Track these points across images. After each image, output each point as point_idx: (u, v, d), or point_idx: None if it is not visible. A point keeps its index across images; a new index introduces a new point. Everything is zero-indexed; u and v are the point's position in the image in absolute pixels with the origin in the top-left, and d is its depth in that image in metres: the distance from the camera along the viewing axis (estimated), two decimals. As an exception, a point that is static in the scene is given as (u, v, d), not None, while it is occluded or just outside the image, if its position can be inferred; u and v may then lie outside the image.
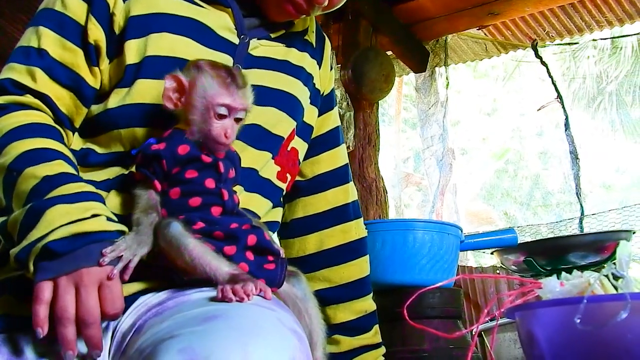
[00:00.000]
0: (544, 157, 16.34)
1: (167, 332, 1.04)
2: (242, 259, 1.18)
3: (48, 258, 1.09)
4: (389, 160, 8.22)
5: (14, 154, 1.19)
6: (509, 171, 16.59)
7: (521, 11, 4.84)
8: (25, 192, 1.14)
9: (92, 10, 1.35)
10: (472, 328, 2.24)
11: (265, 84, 1.46)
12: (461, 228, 2.39)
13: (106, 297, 1.09)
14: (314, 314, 1.31)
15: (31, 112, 1.28)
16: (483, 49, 5.53)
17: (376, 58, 4.44)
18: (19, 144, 1.20)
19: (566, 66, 13.46)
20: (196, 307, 1.10)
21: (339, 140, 1.73)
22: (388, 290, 2.22)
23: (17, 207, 1.14)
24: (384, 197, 4.40)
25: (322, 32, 1.71)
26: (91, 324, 1.08)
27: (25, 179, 1.16)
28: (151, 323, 1.12)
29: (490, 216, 14.00)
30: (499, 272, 4.18)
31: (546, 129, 15.54)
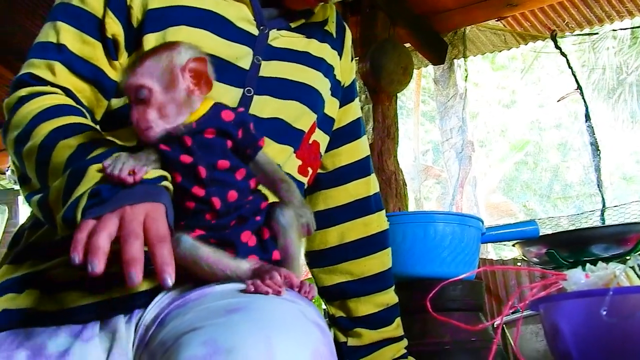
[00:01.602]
0: (563, 149, 16.26)
1: (190, 324, 1.03)
2: (247, 255, 1.18)
3: (96, 204, 1.03)
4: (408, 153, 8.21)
5: (43, 133, 1.18)
6: (529, 163, 16.53)
7: (540, 2, 4.81)
8: (61, 163, 1.12)
9: (109, 3, 1.35)
10: (495, 320, 2.22)
11: (285, 76, 1.45)
12: (482, 220, 2.37)
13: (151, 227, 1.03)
14: (293, 239, 1.23)
15: (54, 96, 1.27)
16: (502, 40, 5.49)
17: (394, 50, 4.42)
18: (47, 124, 1.19)
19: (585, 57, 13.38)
20: (219, 300, 1.09)
21: (360, 132, 1.72)
22: (408, 283, 2.20)
23: (55, 178, 1.11)
24: (403, 189, 4.39)
25: (342, 22, 1.70)
26: (162, 239, 1.02)
27: (60, 151, 1.13)
28: (173, 315, 1.12)
29: (510, 208, 13.96)
30: (520, 264, 4.16)
31: (565, 121, 15.49)
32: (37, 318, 1.22)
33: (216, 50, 1.33)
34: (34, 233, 1.33)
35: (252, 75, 1.39)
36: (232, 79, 1.36)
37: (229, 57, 1.35)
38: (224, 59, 1.35)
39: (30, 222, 1.37)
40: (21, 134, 1.21)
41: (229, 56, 1.35)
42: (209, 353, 0.94)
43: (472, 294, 2.20)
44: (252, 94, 1.38)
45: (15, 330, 1.23)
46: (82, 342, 1.20)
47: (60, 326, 1.22)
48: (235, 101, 1.36)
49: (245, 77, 1.38)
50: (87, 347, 1.20)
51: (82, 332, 1.21)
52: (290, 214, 1.21)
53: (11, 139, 1.24)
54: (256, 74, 1.40)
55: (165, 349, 1.04)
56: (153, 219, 1.01)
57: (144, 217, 1.01)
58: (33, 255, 1.29)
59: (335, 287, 1.69)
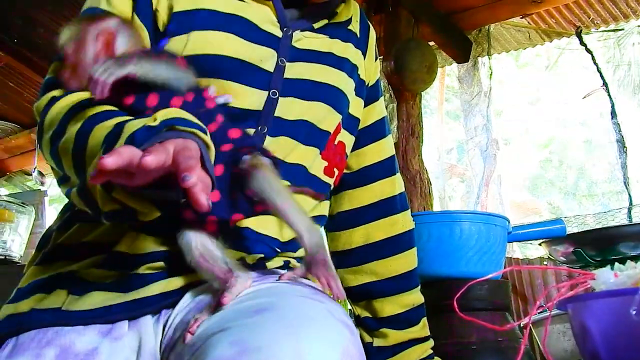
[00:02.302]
0: (588, 147, 16.14)
1: (218, 325, 1.04)
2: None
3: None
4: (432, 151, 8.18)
5: (78, 124, 1.16)
6: (554, 161, 16.42)
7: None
8: (99, 142, 1.09)
9: (136, 8, 1.36)
10: (523, 321, 2.21)
11: (310, 77, 1.44)
12: (508, 219, 2.36)
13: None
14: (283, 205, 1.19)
15: (84, 92, 1.27)
16: (526, 38, 5.46)
17: (418, 49, 4.41)
18: (81, 114, 1.18)
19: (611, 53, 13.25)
20: (246, 301, 1.10)
21: (384, 131, 1.71)
22: (434, 283, 2.19)
23: (93, 158, 1.09)
24: (428, 188, 4.37)
25: (367, 21, 1.69)
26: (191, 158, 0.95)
27: (97, 131, 1.11)
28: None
29: (536, 206, 13.88)
30: (546, 263, 4.13)
31: (590, 118, 15.36)
32: (65, 317, 1.23)
33: (240, 53, 1.34)
34: (61, 234, 1.34)
35: (277, 77, 1.39)
36: (257, 82, 1.36)
37: (253, 60, 1.35)
38: (248, 62, 1.35)
39: (58, 224, 1.38)
40: (56, 130, 1.20)
41: (254, 59, 1.35)
42: (238, 353, 0.95)
43: (499, 293, 2.19)
44: (277, 96, 1.38)
45: (44, 329, 1.24)
46: (110, 341, 1.21)
47: (88, 325, 1.23)
48: (261, 103, 1.36)
49: (270, 79, 1.37)
50: (115, 346, 1.21)
51: (110, 331, 1.23)
52: (265, 174, 1.17)
53: (46, 140, 1.23)
54: (281, 75, 1.39)
55: (193, 350, 1.04)
56: (182, 147, 0.97)
57: (178, 149, 0.96)
58: (61, 257, 1.30)
59: (361, 288, 1.68)
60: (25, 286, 1.31)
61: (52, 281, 1.28)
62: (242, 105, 1.33)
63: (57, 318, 1.24)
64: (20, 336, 1.25)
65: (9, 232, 3.63)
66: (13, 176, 7.97)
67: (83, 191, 1.09)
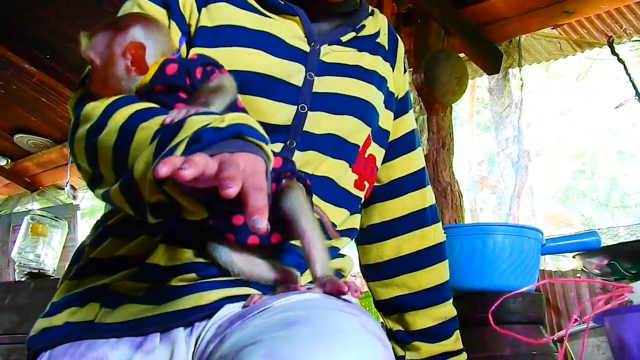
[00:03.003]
0: (621, 157, 16.01)
1: (249, 338, 1.04)
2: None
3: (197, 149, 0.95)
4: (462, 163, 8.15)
5: (122, 117, 1.15)
6: (586, 172, 16.30)
7: (597, 8, 4.73)
8: (147, 137, 1.06)
9: (171, 15, 1.36)
10: (559, 334, 2.19)
11: (339, 91, 1.44)
12: (541, 232, 2.34)
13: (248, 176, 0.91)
14: (307, 227, 1.19)
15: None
16: (557, 48, 5.42)
17: (448, 60, 4.39)
18: (124, 109, 1.17)
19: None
20: (278, 313, 1.09)
21: (414, 143, 1.71)
22: (467, 296, 2.18)
23: (139, 154, 1.04)
24: (459, 200, 4.35)
25: (395, 34, 1.69)
26: (259, 188, 0.90)
27: (143, 131, 1.09)
28: (232, 330, 1.13)
29: (568, 218, 13.77)
30: (580, 275, 4.10)
31: (623, 128, 15.24)
32: (98, 330, 1.24)
33: (268, 69, 1.34)
34: (94, 249, 1.34)
35: (306, 91, 1.39)
36: (285, 97, 1.36)
37: (281, 75, 1.36)
38: (276, 77, 1.36)
39: (91, 239, 1.39)
40: (95, 123, 1.19)
41: (282, 74, 1.35)
42: None
43: (533, 306, 2.17)
44: (306, 111, 1.38)
45: (77, 342, 1.24)
46: (143, 354, 1.21)
47: (121, 338, 1.23)
48: (290, 118, 1.36)
49: (299, 94, 1.38)
50: (147, 359, 1.21)
51: (142, 343, 1.23)
52: (298, 195, 1.18)
53: (82, 133, 1.22)
54: (309, 90, 1.39)
55: None
56: (252, 170, 0.92)
57: (243, 167, 0.91)
58: (94, 271, 1.31)
59: (393, 301, 1.68)
60: (59, 300, 1.32)
61: (85, 295, 1.28)
62: (271, 121, 1.33)
63: (90, 331, 1.24)
64: (54, 349, 1.26)
65: (43, 246, 3.66)
66: (46, 190, 8.05)
67: (127, 185, 1.05)
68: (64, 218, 4.07)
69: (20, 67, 5.84)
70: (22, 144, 7.18)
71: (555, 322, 3.99)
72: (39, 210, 4.98)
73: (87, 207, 7.45)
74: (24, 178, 7.94)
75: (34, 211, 4.35)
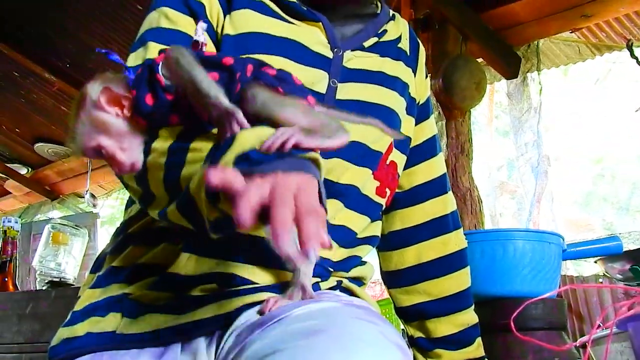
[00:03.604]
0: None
1: (270, 347, 1.04)
2: None
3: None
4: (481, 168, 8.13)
5: (168, 140, 1.15)
6: (606, 176, 16.21)
7: (615, 12, 4.71)
8: (201, 156, 1.06)
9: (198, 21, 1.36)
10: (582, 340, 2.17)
11: (362, 98, 1.44)
12: (562, 237, 2.33)
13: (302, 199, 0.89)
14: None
15: None
16: (576, 52, 5.39)
17: (466, 66, 4.39)
18: (168, 132, 1.17)
19: (662, 67, 13.09)
20: (298, 322, 1.09)
21: (435, 149, 1.70)
22: (488, 302, 2.17)
23: (193, 170, 1.06)
24: (479, 206, 4.34)
25: (416, 39, 1.69)
26: (313, 212, 0.87)
27: (195, 150, 1.09)
28: (253, 339, 1.12)
29: (589, 223, 13.70)
30: (602, 280, 4.07)
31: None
32: (119, 341, 1.24)
33: None
34: (115, 257, 1.35)
35: (329, 98, 1.39)
36: None
37: (305, 82, 1.35)
38: None
39: (111, 247, 1.39)
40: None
41: (305, 81, 1.35)
42: None
43: (555, 312, 2.16)
44: None
45: (99, 353, 1.25)
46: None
47: (142, 348, 1.24)
48: None
49: (322, 101, 1.36)
50: (169, 369, 1.21)
51: (164, 354, 1.23)
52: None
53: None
54: (333, 97, 1.39)
55: None
56: (305, 192, 0.89)
57: (296, 189, 0.89)
58: (115, 280, 1.31)
59: (414, 308, 1.67)
60: (81, 309, 1.32)
61: (107, 304, 1.29)
62: None
63: (111, 342, 1.24)
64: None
65: (64, 254, 3.67)
66: (66, 199, 8.09)
67: (186, 205, 1.05)
68: (84, 226, 4.07)
69: (41, 76, 5.89)
70: (43, 153, 7.23)
71: (578, 328, 3.96)
72: (59, 218, 5.00)
73: (107, 215, 7.48)
74: (44, 186, 7.98)
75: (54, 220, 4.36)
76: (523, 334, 1.74)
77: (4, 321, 2.79)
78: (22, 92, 6.29)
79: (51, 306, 2.72)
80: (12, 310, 2.80)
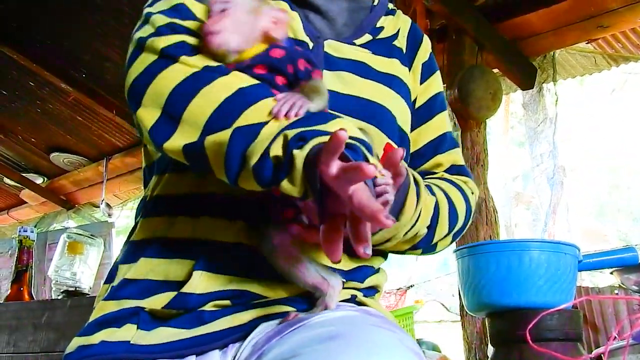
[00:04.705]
0: (656, 172, 15.86)
1: (289, 352, 1.04)
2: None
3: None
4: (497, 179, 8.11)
5: (237, 79, 1.16)
6: (621, 187, 16.15)
7: (632, 22, 4.70)
8: (261, 116, 1.09)
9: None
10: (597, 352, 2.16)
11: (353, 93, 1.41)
12: (578, 247, 2.32)
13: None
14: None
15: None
16: (592, 63, 5.39)
17: (482, 76, 4.39)
18: (236, 74, 1.18)
19: (678, 77, 13.05)
20: (317, 328, 1.09)
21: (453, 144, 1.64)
22: (504, 313, 2.17)
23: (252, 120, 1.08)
24: (494, 216, 4.33)
25: (416, 35, 1.62)
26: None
27: (257, 110, 1.10)
28: (270, 347, 1.13)
29: (605, 234, 13.65)
30: (617, 292, 4.05)
31: (659, 142, 15.11)
32: (134, 351, 1.24)
33: None
34: (127, 269, 1.34)
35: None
36: None
37: None
38: None
39: (122, 257, 1.39)
40: (198, 73, 1.18)
41: None
42: None
43: (571, 323, 2.15)
44: None
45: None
46: None
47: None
48: None
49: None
50: (183, 381, 1.21)
51: (178, 366, 1.23)
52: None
53: (174, 75, 1.19)
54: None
55: None
56: (364, 190, 0.94)
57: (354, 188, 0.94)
58: (129, 294, 1.30)
59: None
60: (95, 319, 1.32)
61: (122, 316, 1.28)
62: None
63: (126, 351, 1.24)
64: None
65: (79, 263, 3.67)
66: (81, 208, 8.14)
67: (235, 148, 1.07)
68: (100, 236, 4.08)
69: (57, 86, 5.93)
70: (58, 163, 7.27)
71: (593, 340, 3.94)
72: (75, 228, 5.01)
73: (123, 225, 7.49)
74: (60, 196, 8.03)
75: (70, 229, 4.36)
76: (539, 345, 1.73)
77: (19, 330, 2.79)
78: (37, 102, 6.34)
79: (66, 316, 2.73)
80: (27, 320, 2.81)
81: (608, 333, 3.64)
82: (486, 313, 2.28)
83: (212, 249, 1.25)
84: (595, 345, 3.77)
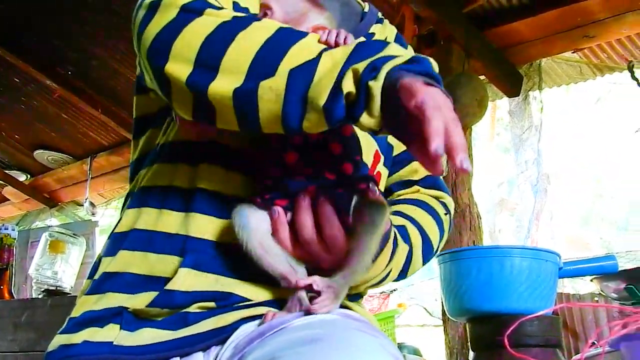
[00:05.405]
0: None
1: (270, 354, 1.04)
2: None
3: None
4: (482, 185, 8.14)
5: (271, 24, 1.16)
6: (605, 196, 16.22)
7: (617, 33, 4.73)
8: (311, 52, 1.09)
9: None
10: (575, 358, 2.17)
11: None
12: (559, 255, 2.33)
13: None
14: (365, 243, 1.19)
15: None
16: (578, 72, 5.41)
17: (469, 83, 4.39)
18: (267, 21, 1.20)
19: (663, 88, 13.09)
20: (298, 331, 1.09)
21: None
22: (484, 318, 2.17)
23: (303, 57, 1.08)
24: (477, 222, 4.34)
25: (403, 44, 1.58)
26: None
27: (303, 47, 1.10)
28: (251, 349, 1.12)
29: (587, 242, 13.71)
30: (597, 299, 4.08)
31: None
32: (117, 352, 1.23)
33: None
34: (108, 262, 1.33)
35: None
36: None
37: None
38: None
39: (105, 250, 1.38)
40: (232, 21, 1.16)
41: None
42: None
43: (550, 329, 2.16)
44: None
45: (94, 365, 1.24)
46: None
47: (138, 362, 1.23)
48: None
49: None
50: (165, 384, 1.21)
51: (160, 368, 1.22)
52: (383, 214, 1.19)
53: (205, 25, 1.15)
54: None
55: None
56: (448, 107, 1.02)
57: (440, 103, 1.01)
58: (111, 287, 1.30)
59: None
60: (78, 316, 1.31)
61: (105, 316, 1.27)
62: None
63: (109, 352, 1.23)
64: None
65: (60, 262, 3.66)
66: (64, 207, 8.10)
67: (296, 84, 1.06)
68: (83, 235, 4.06)
69: (42, 83, 5.90)
70: (42, 160, 7.24)
71: (573, 346, 3.96)
72: (57, 226, 4.99)
73: (106, 224, 7.45)
74: (43, 194, 7.99)
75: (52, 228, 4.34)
76: (518, 350, 1.74)
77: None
78: (22, 98, 6.31)
79: (47, 315, 2.72)
80: (7, 319, 2.80)
81: (588, 339, 3.65)
82: (467, 318, 2.29)
83: (201, 246, 1.24)
84: (575, 351, 3.79)
